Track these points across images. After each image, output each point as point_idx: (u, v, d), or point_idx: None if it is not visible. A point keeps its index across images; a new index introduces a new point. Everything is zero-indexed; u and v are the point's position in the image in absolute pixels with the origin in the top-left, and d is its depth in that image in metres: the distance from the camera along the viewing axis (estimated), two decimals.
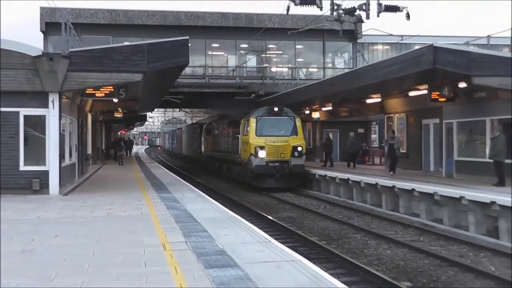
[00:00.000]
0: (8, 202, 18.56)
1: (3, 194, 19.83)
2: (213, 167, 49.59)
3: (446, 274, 14.09)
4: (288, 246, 12.39)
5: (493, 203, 18.89)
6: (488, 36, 28.28)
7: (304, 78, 48.33)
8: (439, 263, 15.17)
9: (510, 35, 33.00)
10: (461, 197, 20.42)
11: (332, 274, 9.97)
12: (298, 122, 34.57)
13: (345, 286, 8.59)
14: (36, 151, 21.04)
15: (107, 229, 13.50)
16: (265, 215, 23.64)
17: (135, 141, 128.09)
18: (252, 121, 33.32)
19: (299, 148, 32.61)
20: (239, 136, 36.25)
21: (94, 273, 9.11)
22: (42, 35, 45.09)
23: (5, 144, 20.53)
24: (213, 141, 49.41)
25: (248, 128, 33.45)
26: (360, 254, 16.52)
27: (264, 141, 32.57)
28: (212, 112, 64.26)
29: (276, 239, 13.16)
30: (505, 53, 26.51)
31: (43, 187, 20.87)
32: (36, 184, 20.74)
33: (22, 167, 20.80)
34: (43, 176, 20.95)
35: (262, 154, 31.44)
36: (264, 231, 13.75)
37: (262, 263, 9.84)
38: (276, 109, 34.00)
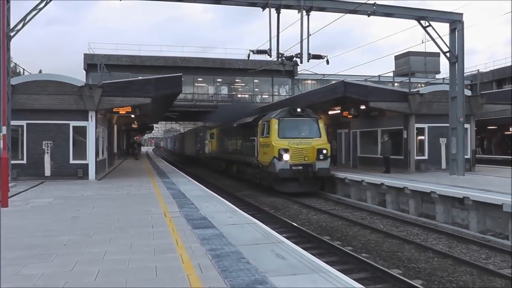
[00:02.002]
0: (62, 184, 18.87)
1: (59, 179, 20.43)
2: (219, 167, 38.03)
3: (352, 230, 14.20)
4: (248, 214, 12.41)
5: (382, 184, 19.12)
6: (379, 76, 28.58)
7: (259, 102, 48.55)
8: (348, 224, 15.29)
9: (392, 75, 33.36)
10: (362, 180, 20.61)
11: (278, 232, 10.00)
12: (321, 123, 23.88)
13: (285, 239, 8.62)
14: (80, 150, 21.02)
15: (127, 203, 13.42)
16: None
17: (143, 144, 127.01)
18: (274, 123, 22.98)
19: (324, 151, 22.56)
20: (256, 138, 25.44)
21: (118, 231, 9.16)
22: (84, 72, 45.03)
23: (61, 146, 20.79)
24: (220, 144, 37.44)
25: (270, 130, 23.12)
26: (296, 218, 16.58)
27: (288, 143, 22.39)
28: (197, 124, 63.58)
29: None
30: (389, 87, 26.81)
31: (85, 174, 20.91)
32: (80, 172, 20.84)
33: (71, 161, 20.94)
34: (85, 167, 21.03)
35: (286, 157, 21.86)
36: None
37: (231, 225, 9.84)
38: (298, 110, 23.62)
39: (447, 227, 14.44)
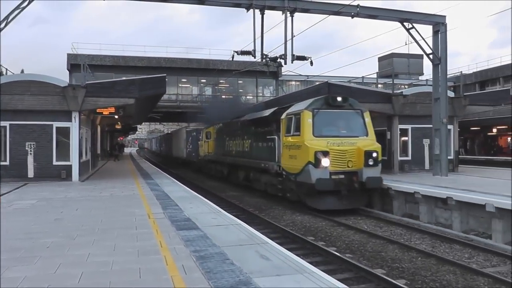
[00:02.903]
0: (45, 186, 18.78)
1: (42, 180, 20.34)
2: (218, 172, 31.56)
3: (336, 231, 14.18)
4: (233, 215, 12.42)
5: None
6: (363, 77, 28.74)
7: (243, 102, 48.65)
8: (332, 224, 15.29)
9: (376, 77, 33.50)
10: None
11: (262, 233, 10.01)
12: (368, 117, 18.17)
13: (269, 240, 8.64)
14: (64, 151, 20.92)
15: (110, 204, 13.38)
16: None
17: (126, 144, 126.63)
18: (307, 116, 17.07)
19: (374, 154, 16.83)
20: (276, 137, 19.74)
21: (102, 233, 9.14)
22: (68, 72, 44.67)
23: (44, 147, 20.66)
24: (220, 144, 30.55)
25: (300, 126, 17.22)
26: (280, 219, 16.59)
27: (326, 144, 16.64)
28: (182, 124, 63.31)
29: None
30: (373, 88, 27.01)
31: (68, 176, 20.81)
32: (63, 174, 20.76)
33: (55, 162, 20.84)
34: (68, 169, 20.92)
35: (326, 162, 16.08)
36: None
37: (215, 226, 9.85)
38: (339, 98, 17.70)
39: (430, 227, 14.54)
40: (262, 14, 19.47)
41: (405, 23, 21.55)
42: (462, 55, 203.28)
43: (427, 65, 49.88)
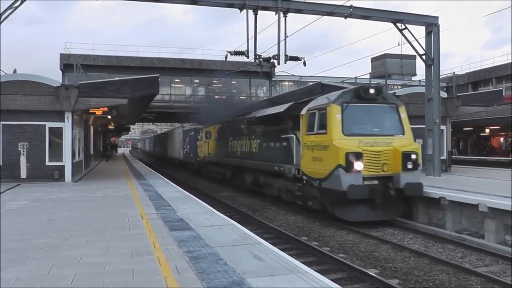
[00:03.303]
0: (38, 186, 18.68)
1: (35, 181, 20.28)
2: (220, 175, 28.77)
3: (329, 231, 14.15)
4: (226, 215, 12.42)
5: None
6: (355, 78, 28.85)
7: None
8: (325, 224, 15.28)
9: (369, 77, 33.60)
10: None
11: (255, 233, 10.02)
12: (404, 113, 15.55)
13: (263, 240, 8.65)
14: (57, 152, 20.88)
15: (103, 205, 13.36)
16: None
17: (119, 145, 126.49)
18: (335, 111, 14.44)
19: (413, 156, 14.35)
20: (294, 136, 17.04)
21: (95, 234, 9.13)
22: (61, 72, 44.56)
23: (37, 147, 20.60)
24: (222, 145, 27.73)
25: (327, 123, 14.56)
26: (273, 219, 16.59)
27: (358, 143, 14.20)
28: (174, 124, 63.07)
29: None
30: None
31: (61, 176, 20.79)
32: (56, 174, 20.73)
33: (48, 163, 20.80)
34: (61, 169, 20.90)
35: (359, 166, 13.69)
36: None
37: (208, 226, 9.85)
38: (371, 90, 15.06)
39: (423, 227, 14.57)
40: (255, 14, 19.49)
41: (398, 24, 21.61)
42: (455, 56, 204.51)
43: (420, 66, 50.02)
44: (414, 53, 22.64)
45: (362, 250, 11.86)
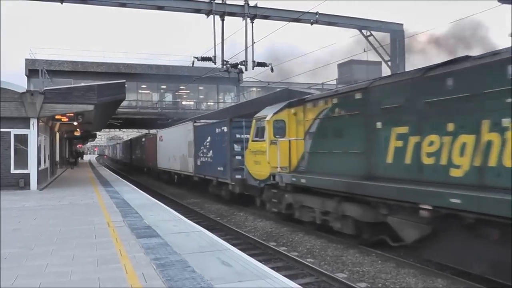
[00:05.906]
0: (3, 195, 18.30)
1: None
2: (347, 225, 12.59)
3: (297, 236, 14.25)
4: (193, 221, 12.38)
5: None
6: (322, 83, 29.11)
7: (204, 109, 48.61)
8: (293, 230, 15.37)
9: (335, 83, 34.01)
10: None
11: (224, 239, 10.00)
12: None
13: (231, 246, 8.65)
14: (22, 159, 20.47)
15: (69, 213, 13.18)
16: None
17: (86, 152, 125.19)
18: None
19: None
20: None
21: (60, 243, 9.00)
22: (26, 78, 43.88)
23: (2, 155, 20.25)
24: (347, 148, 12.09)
25: None
26: (242, 225, 16.59)
27: None
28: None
29: None
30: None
31: (26, 184, 20.42)
32: (21, 182, 20.36)
33: (13, 171, 20.44)
34: (26, 177, 20.53)
35: None
36: None
37: (176, 233, 9.81)
38: None
39: None
40: (222, 20, 19.57)
41: (363, 31, 21.92)
42: (421, 62, 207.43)
43: (386, 72, 50.72)
44: (380, 59, 22.99)
45: (330, 254, 11.94)
